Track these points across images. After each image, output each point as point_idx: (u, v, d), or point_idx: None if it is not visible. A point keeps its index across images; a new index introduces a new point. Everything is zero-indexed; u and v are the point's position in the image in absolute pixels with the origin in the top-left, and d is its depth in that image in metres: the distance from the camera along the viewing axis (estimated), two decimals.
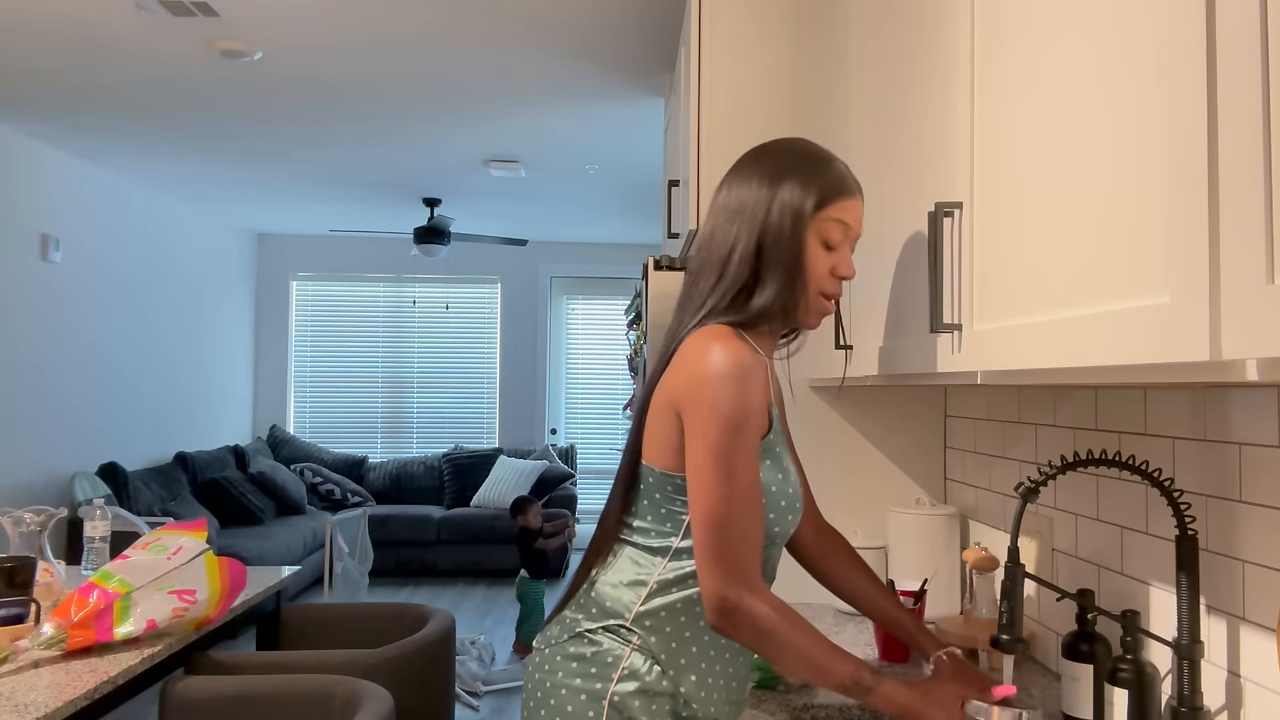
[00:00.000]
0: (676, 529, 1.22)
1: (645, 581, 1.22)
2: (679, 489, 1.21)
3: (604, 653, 1.20)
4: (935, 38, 1.27)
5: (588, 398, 7.73)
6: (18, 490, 4.68)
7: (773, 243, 1.22)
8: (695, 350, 1.18)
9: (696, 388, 1.16)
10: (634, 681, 1.18)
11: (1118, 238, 0.80)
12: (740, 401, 1.14)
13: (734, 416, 1.14)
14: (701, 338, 1.19)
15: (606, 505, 1.30)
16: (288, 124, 4.44)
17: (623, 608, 1.21)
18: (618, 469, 1.29)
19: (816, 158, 1.26)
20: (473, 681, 4.21)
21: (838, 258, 1.25)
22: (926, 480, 2.15)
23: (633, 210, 6.40)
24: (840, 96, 1.81)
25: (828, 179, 1.24)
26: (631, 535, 1.26)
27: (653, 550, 1.23)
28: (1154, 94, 0.74)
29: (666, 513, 1.23)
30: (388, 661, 2.19)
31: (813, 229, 1.23)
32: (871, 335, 1.56)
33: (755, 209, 1.24)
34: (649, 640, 1.20)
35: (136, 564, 2.01)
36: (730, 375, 1.14)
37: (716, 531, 1.14)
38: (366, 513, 4.98)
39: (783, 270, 1.22)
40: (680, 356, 1.20)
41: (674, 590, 1.21)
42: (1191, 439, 1.23)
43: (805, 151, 1.27)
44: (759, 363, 1.17)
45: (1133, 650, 1.20)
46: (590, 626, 1.22)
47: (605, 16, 3.14)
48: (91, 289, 5.31)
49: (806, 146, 1.28)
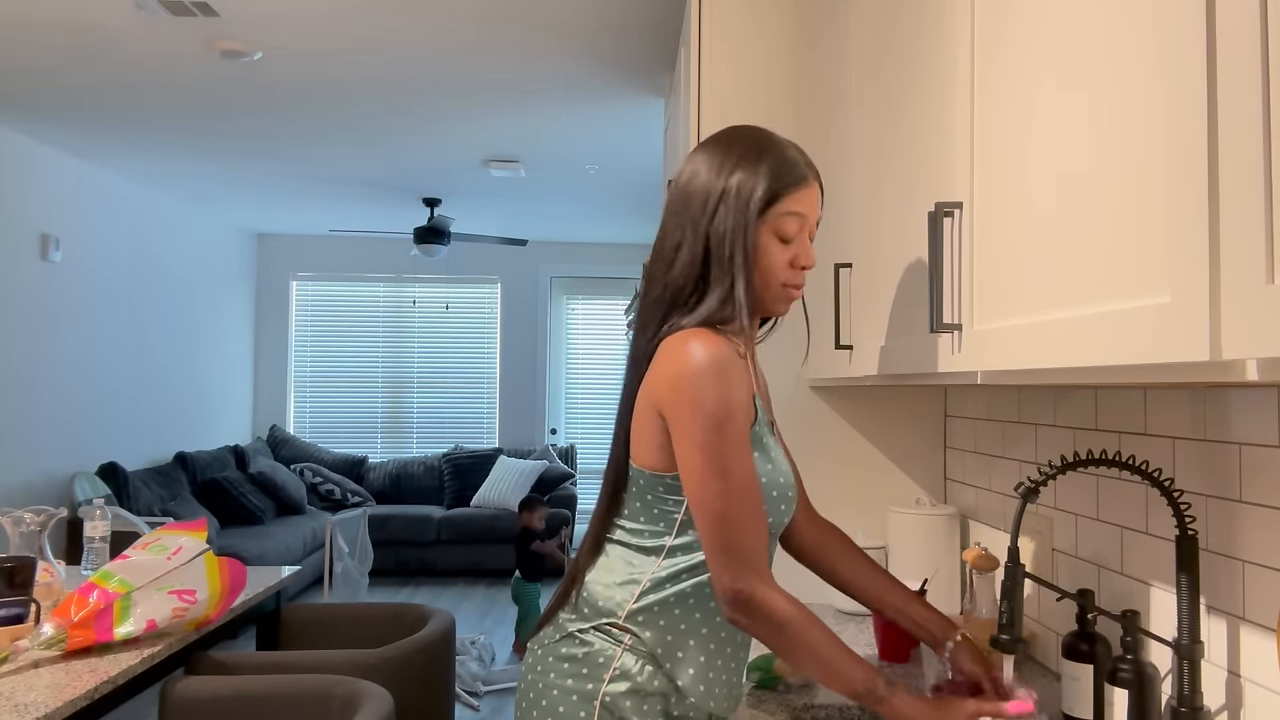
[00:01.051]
0: (670, 528, 1.22)
1: (638, 580, 1.21)
2: (670, 489, 1.21)
3: (595, 653, 1.19)
4: (935, 39, 1.27)
5: (588, 398, 7.73)
6: (18, 490, 4.68)
7: (721, 237, 1.20)
8: (673, 351, 1.17)
9: (676, 387, 1.15)
10: (625, 682, 1.18)
11: (1118, 237, 0.80)
12: (721, 396, 1.13)
13: (717, 412, 1.13)
14: (678, 338, 1.18)
15: (596, 507, 1.29)
16: (288, 124, 4.44)
17: (615, 606, 1.21)
18: (606, 470, 1.29)
19: (765, 149, 1.22)
20: (473, 681, 4.21)
21: (797, 248, 1.23)
22: (926, 480, 2.15)
23: (633, 210, 6.40)
24: (840, 96, 1.81)
25: (776, 171, 1.21)
26: (623, 536, 1.25)
27: (646, 550, 1.22)
28: (1154, 93, 0.74)
29: (659, 513, 1.22)
30: (388, 661, 2.19)
31: (766, 226, 1.20)
32: (872, 335, 1.56)
33: (701, 207, 1.22)
34: (644, 636, 1.19)
35: (136, 564, 2.01)
36: (708, 371, 1.13)
37: (720, 527, 1.13)
38: (366, 513, 4.98)
39: (733, 272, 1.20)
40: (658, 358, 1.19)
41: (668, 586, 1.20)
42: (1191, 439, 1.23)
43: (756, 143, 1.23)
44: (736, 354, 1.16)
45: (1133, 650, 1.20)
46: (581, 627, 1.22)
47: (606, 16, 3.14)
48: (91, 289, 5.31)
49: (758, 135, 1.24)
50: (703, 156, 1.25)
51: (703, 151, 1.26)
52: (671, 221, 1.25)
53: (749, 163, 1.21)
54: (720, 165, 1.22)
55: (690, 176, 1.25)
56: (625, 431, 1.26)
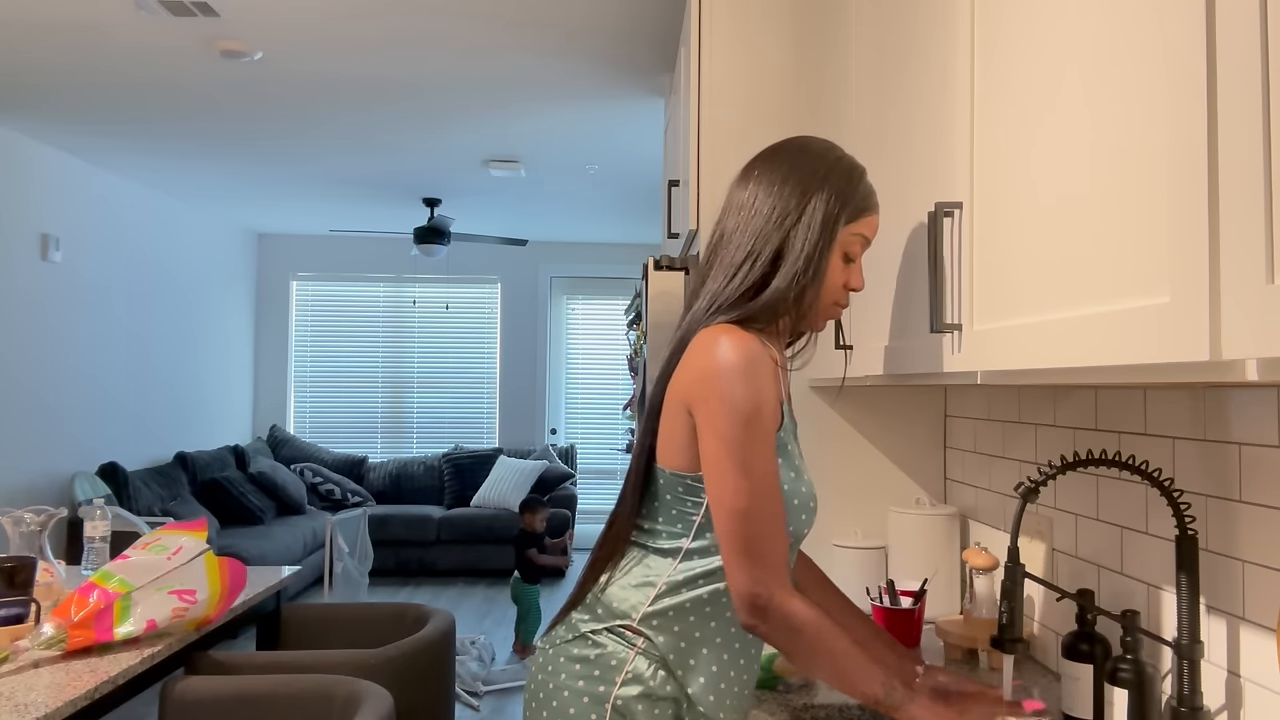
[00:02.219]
0: (687, 530, 1.21)
1: (654, 583, 1.20)
2: (690, 490, 1.20)
3: (607, 655, 1.19)
4: (935, 39, 1.27)
5: (588, 398, 7.73)
6: (18, 490, 4.68)
7: (794, 250, 1.20)
8: (703, 346, 1.17)
9: (705, 382, 1.14)
10: (637, 685, 1.17)
11: (1118, 237, 0.80)
12: (750, 392, 1.13)
13: (744, 406, 1.12)
14: (709, 333, 1.18)
15: (616, 507, 1.28)
16: (288, 124, 4.44)
17: (630, 608, 1.20)
18: (629, 470, 1.27)
19: (850, 170, 1.24)
20: (473, 681, 4.21)
21: (853, 270, 1.25)
22: (926, 480, 2.15)
23: (633, 210, 6.40)
24: (840, 95, 1.81)
25: (860, 193, 1.23)
26: (642, 537, 1.24)
27: (663, 552, 1.22)
28: (1154, 94, 0.74)
29: (677, 514, 1.21)
30: (388, 661, 2.19)
31: (837, 244, 1.22)
32: (872, 335, 1.56)
33: (783, 216, 1.21)
34: (656, 640, 1.18)
35: (136, 564, 2.01)
36: (738, 366, 1.13)
37: (739, 525, 1.12)
38: (366, 513, 4.98)
39: (795, 275, 1.19)
40: (689, 353, 1.19)
41: (684, 591, 1.20)
42: (1191, 439, 1.23)
43: (839, 162, 1.24)
44: (767, 355, 1.15)
45: (1133, 650, 1.20)
46: (594, 628, 1.21)
47: (605, 16, 3.14)
48: (92, 289, 5.31)
49: (839, 155, 1.25)
50: (782, 164, 1.24)
51: (783, 159, 1.25)
52: (743, 222, 1.23)
53: (835, 183, 1.22)
54: (807, 178, 1.22)
55: (769, 181, 1.23)
56: (650, 431, 1.25)
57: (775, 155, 1.26)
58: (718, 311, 1.21)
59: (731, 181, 1.30)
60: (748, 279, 1.21)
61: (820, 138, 1.29)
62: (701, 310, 1.23)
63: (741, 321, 1.20)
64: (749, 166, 1.28)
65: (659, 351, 2.24)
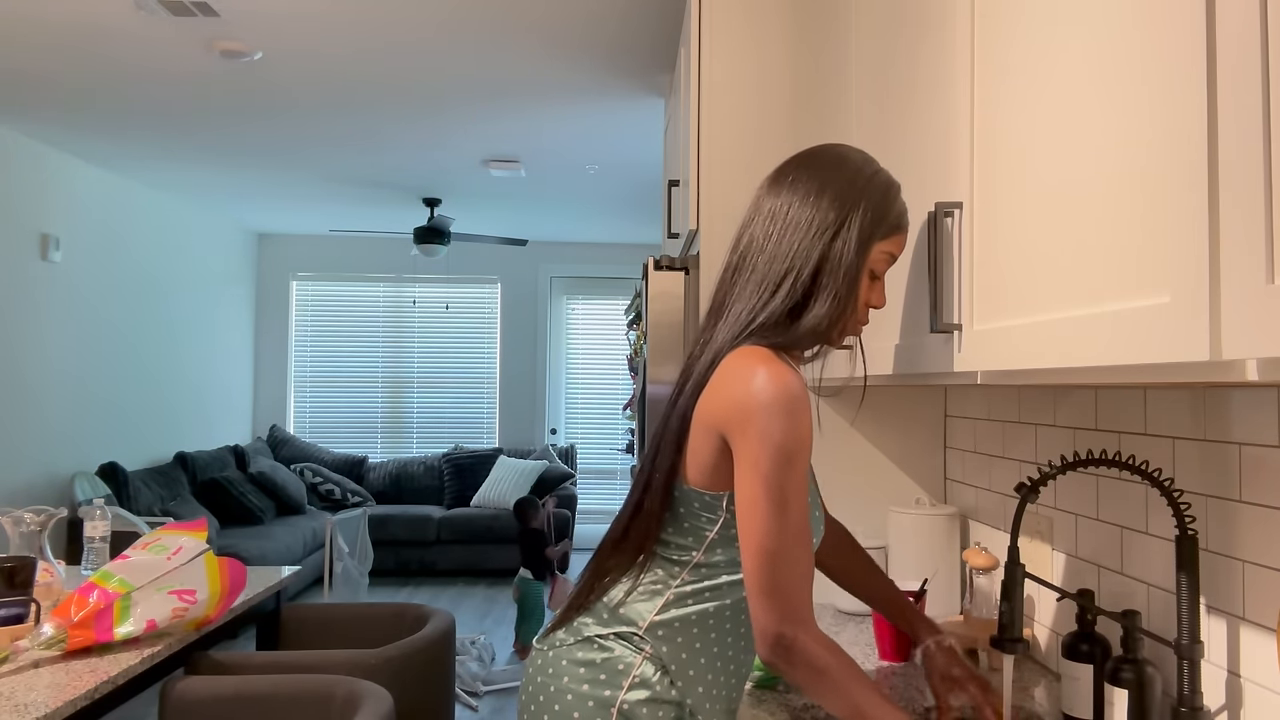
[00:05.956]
0: (699, 544, 1.20)
1: (662, 593, 1.20)
2: (706, 505, 1.18)
3: (615, 659, 1.18)
4: (935, 38, 1.27)
5: (588, 398, 7.73)
6: (18, 490, 4.68)
7: (833, 268, 1.17)
8: (740, 373, 1.13)
9: (746, 415, 1.11)
10: (644, 690, 1.17)
11: (1118, 237, 0.80)
12: (793, 432, 1.10)
13: (786, 445, 1.09)
14: (746, 359, 1.14)
15: (630, 519, 1.24)
16: (288, 124, 4.44)
17: (637, 616, 1.20)
18: (643, 485, 1.23)
19: (887, 186, 1.21)
20: (473, 681, 4.21)
21: (875, 287, 1.22)
22: (926, 480, 2.15)
23: (633, 210, 6.40)
24: (840, 95, 1.81)
25: (895, 211, 1.21)
26: (653, 547, 1.23)
27: (672, 562, 1.21)
28: (1154, 93, 0.74)
29: (690, 527, 1.20)
30: (388, 661, 2.19)
31: (867, 260, 1.20)
32: (870, 335, 1.56)
33: (821, 230, 1.18)
34: (660, 650, 1.19)
35: (136, 564, 2.01)
36: (781, 404, 1.09)
37: (769, 565, 1.10)
38: (366, 513, 4.98)
39: (836, 296, 1.17)
40: (722, 376, 1.15)
41: (690, 603, 1.20)
42: (1191, 439, 1.23)
43: (876, 176, 1.21)
44: (805, 390, 1.13)
45: (1133, 650, 1.20)
46: (601, 632, 1.20)
47: (605, 17, 3.14)
48: (91, 289, 5.31)
49: (876, 168, 1.23)
50: (819, 175, 1.21)
51: (820, 169, 1.22)
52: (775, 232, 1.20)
53: (874, 200, 1.19)
54: (845, 193, 1.19)
55: (805, 192, 1.20)
56: (677, 450, 1.20)
57: (811, 163, 1.23)
58: (756, 333, 1.17)
59: (760, 186, 1.26)
60: (790, 298, 1.17)
61: (856, 148, 1.26)
62: (739, 327, 1.18)
63: (777, 345, 1.17)
64: (781, 171, 1.24)
65: (660, 352, 2.24)
